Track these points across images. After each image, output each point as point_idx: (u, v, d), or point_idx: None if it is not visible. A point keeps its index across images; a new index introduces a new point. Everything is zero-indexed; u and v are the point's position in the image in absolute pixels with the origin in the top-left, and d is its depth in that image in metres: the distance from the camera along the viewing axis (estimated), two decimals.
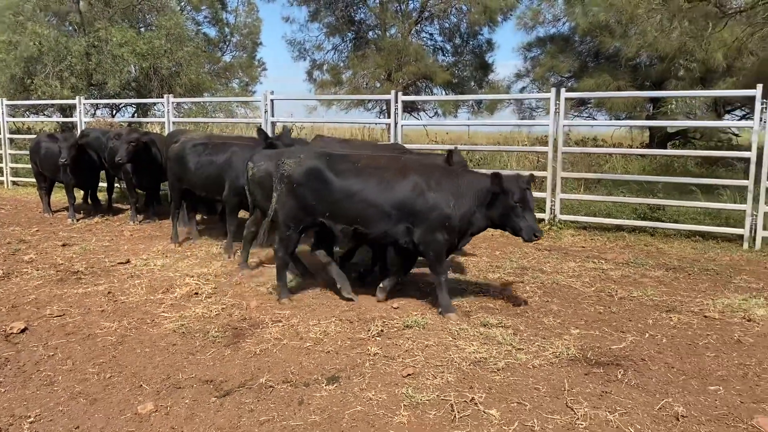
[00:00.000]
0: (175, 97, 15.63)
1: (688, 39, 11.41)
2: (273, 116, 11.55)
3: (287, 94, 17.82)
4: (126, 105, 23.77)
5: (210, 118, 18.64)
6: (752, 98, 8.09)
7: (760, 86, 7.89)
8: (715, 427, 3.49)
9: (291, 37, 26.67)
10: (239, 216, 7.88)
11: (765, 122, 7.89)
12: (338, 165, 5.57)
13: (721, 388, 3.98)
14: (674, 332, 5.01)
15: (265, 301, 5.74)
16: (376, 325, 5.02)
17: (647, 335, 4.93)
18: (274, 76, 77.55)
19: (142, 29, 22.07)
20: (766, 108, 7.86)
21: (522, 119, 21.69)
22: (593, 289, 6.27)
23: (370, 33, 25.45)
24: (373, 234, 5.50)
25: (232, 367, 4.33)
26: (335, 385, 4.00)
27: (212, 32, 29.98)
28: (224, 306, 5.62)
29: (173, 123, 12.93)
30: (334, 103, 22.34)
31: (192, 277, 6.57)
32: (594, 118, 20.30)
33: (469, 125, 22.32)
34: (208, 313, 5.43)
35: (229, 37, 30.91)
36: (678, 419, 3.57)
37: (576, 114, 20.20)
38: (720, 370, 4.26)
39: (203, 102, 18.64)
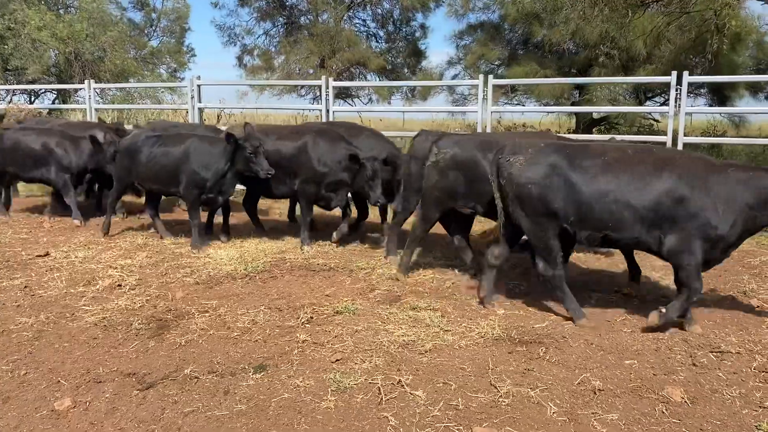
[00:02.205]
0: (97, 83, 15.03)
1: (609, 26, 11.82)
2: (200, 102, 11.28)
3: (216, 80, 17.42)
4: (45, 91, 22.71)
5: (135, 104, 17.99)
6: (668, 84, 8.46)
7: (674, 73, 8.26)
8: (629, 399, 3.66)
9: (221, 22, 26.02)
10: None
11: (679, 107, 8.26)
12: (583, 160, 4.76)
13: (635, 361, 4.17)
14: (594, 310, 5.20)
15: (192, 292, 5.62)
16: (306, 313, 5.00)
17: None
18: (204, 62, 75.66)
19: (62, 12, 21.07)
20: (680, 94, 8.23)
21: (456, 106, 21.96)
22: (518, 270, 6.44)
23: (302, 18, 25.12)
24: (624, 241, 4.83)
25: (156, 359, 4.22)
26: (262, 373, 3.97)
27: (138, 17, 28.96)
28: (149, 297, 5.47)
29: (95, 110, 12.42)
30: (266, 89, 21.97)
31: (115, 268, 6.36)
32: (523, 105, 20.79)
33: (403, 112, 22.40)
34: (131, 305, 5.27)
35: (156, 22, 29.91)
36: (595, 393, 3.72)
37: (506, 101, 20.59)
38: (635, 345, 4.46)
39: (128, 88, 17.98)
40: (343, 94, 23.43)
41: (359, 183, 6.94)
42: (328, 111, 10.28)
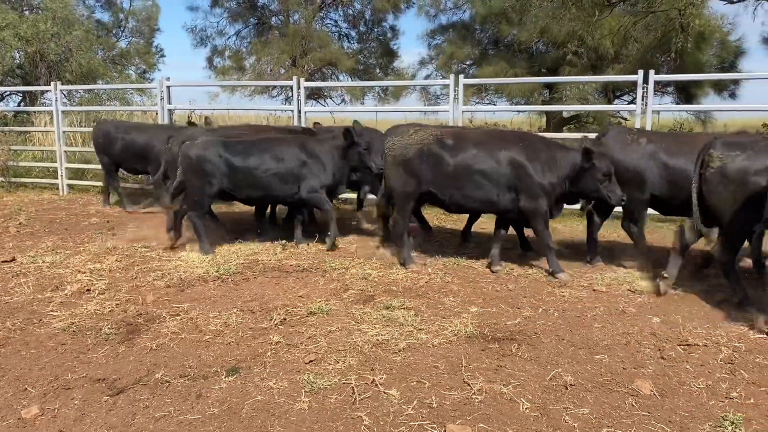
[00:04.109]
0: (63, 84, 14.75)
1: (576, 25, 11.99)
2: (170, 104, 11.13)
3: (186, 81, 17.22)
4: (11, 93, 22.18)
5: (104, 106, 17.66)
6: (635, 83, 8.60)
7: (641, 72, 8.41)
8: (600, 393, 3.71)
9: (191, 23, 25.78)
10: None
11: (646, 105, 8.40)
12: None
13: (606, 356, 4.24)
14: (565, 306, 5.27)
15: (163, 296, 5.55)
16: (279, 314, 4.98)
17: (540, 310, 5.17)
18: (174, 63, 74.67)
19: (26, 12, 20.60)
20: (646, 92, 8.37)
21: (429, 106, 22.03)
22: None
23: (274, 19, 24.97)
24: None
25: (127, 364, 4.16)
26: (235, 376, 3.93)
27: (106, 17, 28.45)
28: (119, 302, 5.39)
29: (62, 112, 12.18)
30: (237, 90, 21.80)
31: (84, 273, 6.24)
32: (495, 104, 20.95)
33: (376, 112, 22.38)
34: (101, 310, 5.18)
35: (124, 22, 29.42)
36: (567, 388, 3.77)
37: (477, 101, 20.72)
38: (606, 340, 4.52)
39: (96, 90, 17.66)
40: (315, 95, 23.34)
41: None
42: (300, 111, 10.23)
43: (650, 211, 6.60)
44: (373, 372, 3.94)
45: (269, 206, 8.62)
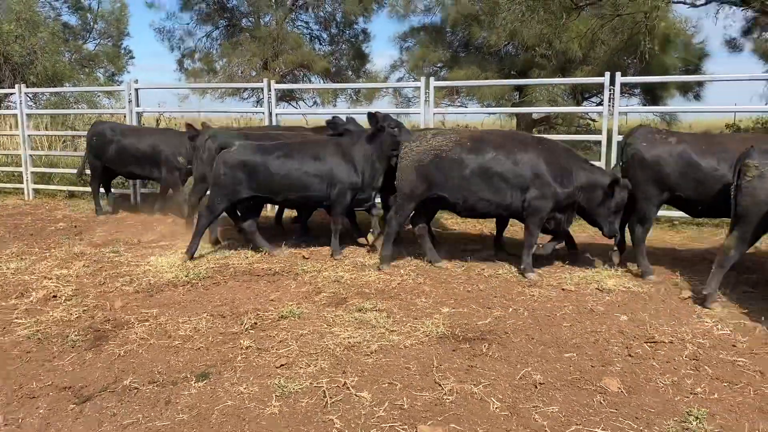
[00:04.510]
0: (28, 87, 14.47)
1: (545, 28, 12.14)
2: (138, 106, 10.98)
3: (155, 83, 16.98)
4: None
5: (71, 109, 17.37)
6: (603, 85, 8.73)
7: (607, 74, 8.54)
8: (569, 391, 3.76)
9: (160, 25, 25.46)
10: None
11: (613, 107, 8.54)
12: None
13: (575, 354, 4.29)
14: (535, 305, 5.33)
15: (131, 301, 5.47)
16: (250, 318, 4.94)
17: (511, 309, 5.22)
18: (144, 65, 73.77)
19: None
20: (613, 94, 8.51)
21: (401, 108, 22.09)
22: (463, 268, 6.52)
23: (244, 20, 24.82)
24: None
25: (94, 371, 4.09)
26: (205, 381, 3.89)
27: (74, 20, 27.96)
28: (86, 308, 5.30)
29: (27, 115, 11.93)
30: (208, 92, 21.58)
31: (50, 279, 6.13)
32: (466, 107, 21.08)
33: (348, 114, 22.36)
34: (67, 317, 5.09)
35: (92, 24, 28.92)
36: (536, 386, 3.81)
37: (449, 103, 20.84)
38: (575, 338, 4.58)
39: (63, 93, 17.34)
40: (287, 97, 23.24)
41: None
42: (271, 113, 10.18)
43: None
44: (345, 375, 3.93)
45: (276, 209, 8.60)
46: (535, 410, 3.51)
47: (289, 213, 9.12)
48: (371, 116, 6.95)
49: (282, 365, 4.11)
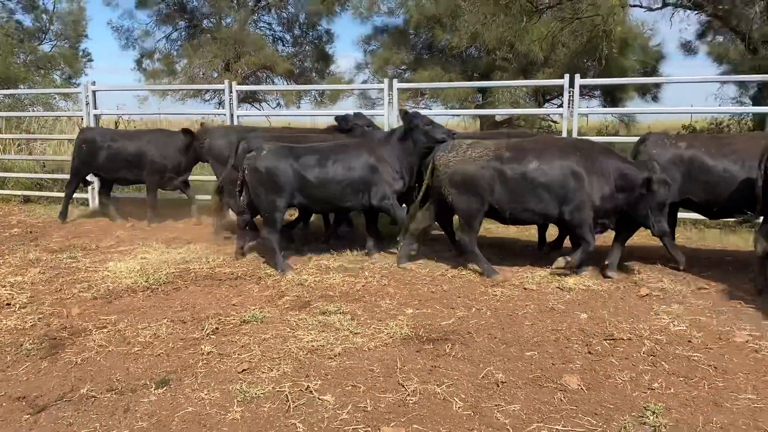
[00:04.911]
0: None
1: (506, 31, 12.30)
2: (96, 108, 10.74)
3: (113, 85, 16.64)
4: None
5: (26, 112, 16.87)
6: (563, 87, 8.87)
7: (567, 76, 8.68)
8: (530, 389, 3.80)
9: (118, 24, 24.93)
10: None
11: (573, 109, 8.68)
12: None
13: (536, 353, 4.34)
14: (498, 305, 5.38)
15: (89, 308, 5.35)
16: (211, 323, 4.87)
17: (474, 309, 5.25)
18: (101, 66, 72.28)
19: None
20: (572, 96, 8.65)
21: (366, 110, 22.10)
22: (427, 270, 6.55)
23: (205, 21, 24.51)
24: None
25: (49, 380, 3.99)
26: (165, 388, 3.83)
27: (28, 20, 27.24)
28: (41, 315, 5.16)
29: None
30: (168, 94, 21.24)
31: (4, 286, 5.95)
32: (430, 108, 21.19)
33: (312, 116, 22.28)
34: (21, 325, 4.95)
35: (48, 25, 28.22)
36: (498, 385, 3.84)
37: (414, 105, 20.93)
38: (536, 337, 4.64)
39: (17, 94, 16.85)
40: (250, 98, 23.03)
41: None
42: (232, 115, 10.07)
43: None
44: (308, 378, 3.91)
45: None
46: (497, 409, 3.54)
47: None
48: (404, 114, 6.83)
49: (244, 370, 4.06)
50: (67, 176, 9.86)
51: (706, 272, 6.32)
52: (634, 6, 13.41)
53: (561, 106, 8.94)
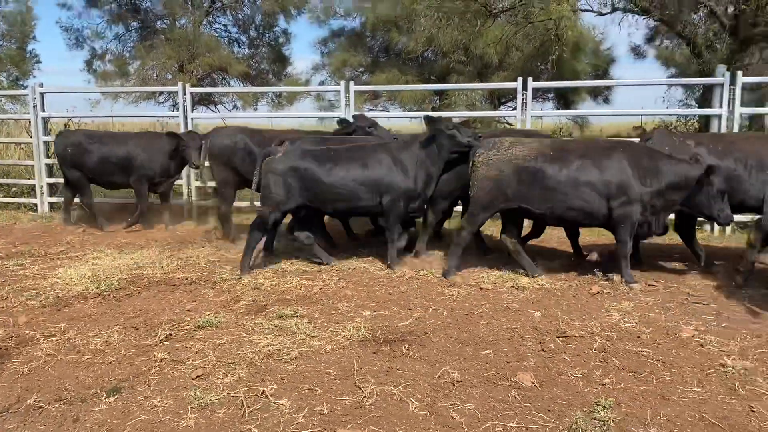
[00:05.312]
0: None
1: (460, 35, 12.44)
2: (44, 111, 10.44)
3: (63, 87, 16.17)
4: None
5: None
6: (516, 90, 9.02)
7: (520, 79, 8.85)
8: (485, 387, 3.85)
9: (67, 23, 24.23)
10: None
11: (526, 111, 8.84)
12: None
13: (491, 351, 4.40)
14: (454, 305, 5.43)
15: (37, 316, 5.19)
16: (165, 329, 4.79)
17: (431, 310, 5.29)
18: (50, 68, 70.33)
19: None
20: (526, 98, 8.81)
21: (324, 111, 22.01)
22: (385, 271, 6.57)
23: (159, 22, 24.04)
24: None
25: None
26: (116, 396, 3.74)
27: None
28: None
29: None
30: (121, 97, 20.75)
31: None
32: (388, 111, 21.26)
33: (270, 118, 22.10)
34: None
35: None
36: (454, 384, 3.87)
37: (371, 107, 20.97)
38: (491, 336, 4.70)
39: None
40: (206, 100, 22.69)
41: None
42: (186, 118, 9.92)
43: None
44: (264, 383, 3.88)
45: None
46: (452, 408, 3.57)
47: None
48: (428, 119, 6.64)
49: (198, 376, 4.00)
50: (11, 181, 9.56)
51: (654, 269, 6.51)
52: (585, 11, 13.72)
53: (516, 108, 9.07)
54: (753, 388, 3.80)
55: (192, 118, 10.12)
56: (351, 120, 8.36)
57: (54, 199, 10.73)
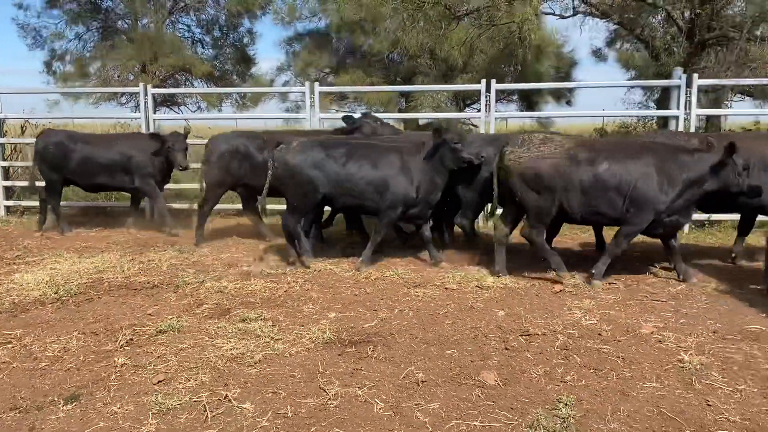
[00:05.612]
0: None
1: (425, 37, 12.52)
2: (0, 112, 10.16)
3: (19, 88, 15.70)
4: None
5: None
6: (480, 92, 9.11)
7: (483, 81, 8.94)
8: (449, 387, 3.87)
9: (24, 22, 23.57)
10: None
11: (490, 112, 8.93)
12: None
13: (455, 351, 4.43)
14: (420, 305, 5.45)
15: None
16: (125, 335, 4.70)
17: (396, 311, 5.31)
18: (6, 69, 68.57)
19: None
20: (489, 100, 8.90)
21: (289, 112, 21.87)
22: (351, 273, 6.56)
23: (120, 22, 23.58)
24: None
25: None
26: (75, 404, 3.65)
27: None
28: None
29: None
30: (81, 98, 20.26)
31: None
32: (354, 112, 21.19)
33: (235, 119, 21.84)
34: None
35: None
36: (419, 384, 3.89)
37: (338, 109, 20.92)
38: (456, 335, 4.73)
39: None
40: (168, 102, 22.33)
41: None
42: (147, 119, 9.76)
43: None
44: (227, 387, 3.83)
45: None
46: (417, 408, 3.58)
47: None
48: (435, 130, 6.54)
49: (160, 381, 3.94)
50: None
51: (615, 266, 6.63)
52: (547, 14, 13.96)
53: (480, 110, 9.15)
54: (709, 382, 3.90)
55: (154, 120, 9.95)
56: (356, 117, 8.28)
57: (11, 203, 10.45)
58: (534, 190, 6.03)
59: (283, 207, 7.31)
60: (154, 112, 10.05)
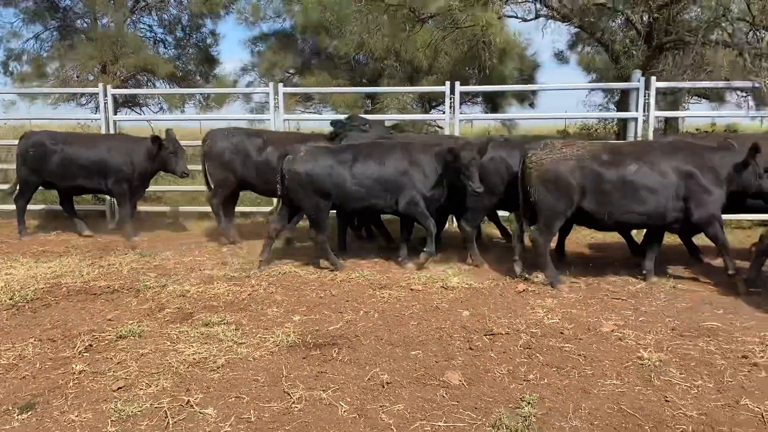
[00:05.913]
0: None
1: (390, 40, 12.53)
2: None
3: None
4: None
5: None
6: (444, 94, 9.16)
7: (448, 83, 8.99)
8: (414, 388, 3.88)
9: None
10: None
11: (454, 114, 9.00)
12: None
13: (420, 351, 4.45)
14: (385, 307, 5.45)
15: None
16: (84, 341, 4.59)
17: (362, 312, 5.30)
18: None
19: None
20: (454, 102, 8.96)
21: (254, 113, 21.66)
22: (316, 275, 6.53)
23: (79, 21, 23.06)
24: None
25: None
26: (30, 413, 3.56)
27: None
28: None
29: None
30: (38, 98, 19.74)
31: None
32: (320, 113, 21.14)
33: (198, 120, 21.56)
34: None
35: None
36: (384, 386, 3.89)
37: (303, 110, 20.81)
38: (421, 336, 4.75)
39: None
40: (130, 102, 21.92)
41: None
42: (107, 120, 9.56)
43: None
44: (189, 392, 3.78)
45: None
46: (382, 410, 3.58)
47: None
48: (449, 151, 6.41)
49: (119, 388, 3.86)
50: None
51: (577, 266, 6.74)
52: (510, 17, 14.09)
53: (445, 112, 9.21)
54: (667, 378, 3.99)
55: (115, 121, 9.76)
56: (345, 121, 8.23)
57: None
58: (550, 192, 6.00)
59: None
60: (115, 113, 9.85)
